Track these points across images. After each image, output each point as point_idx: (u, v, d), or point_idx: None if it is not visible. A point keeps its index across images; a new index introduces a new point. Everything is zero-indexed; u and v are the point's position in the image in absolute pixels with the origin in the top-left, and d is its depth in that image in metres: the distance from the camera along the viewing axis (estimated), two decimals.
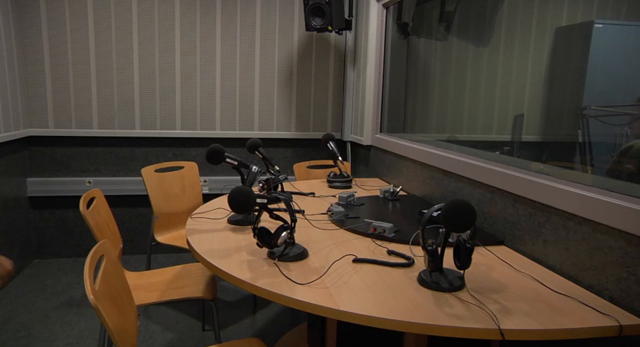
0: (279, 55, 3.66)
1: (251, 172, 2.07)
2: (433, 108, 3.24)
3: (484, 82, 2.93)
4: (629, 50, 2.30)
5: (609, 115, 2.10)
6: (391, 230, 1.75)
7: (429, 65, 3.30)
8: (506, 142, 2.71)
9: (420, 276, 1.36)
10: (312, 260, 1.51)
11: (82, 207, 1.83)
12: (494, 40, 2.81)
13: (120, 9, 3.37)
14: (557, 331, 1.11)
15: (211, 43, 3.54)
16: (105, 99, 3.45)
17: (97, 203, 2.02)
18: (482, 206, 1.90)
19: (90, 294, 1.13)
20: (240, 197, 1.45)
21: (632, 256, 1.24)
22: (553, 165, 1.72)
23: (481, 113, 2.96)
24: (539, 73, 2.70)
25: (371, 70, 3.28)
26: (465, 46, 3.04)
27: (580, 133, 2.17)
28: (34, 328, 2.48)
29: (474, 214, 1.24)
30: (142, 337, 2.44)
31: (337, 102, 3.82)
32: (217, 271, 1.45)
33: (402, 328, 1.14)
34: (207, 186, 3.60)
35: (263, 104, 3.69)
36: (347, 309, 1.17)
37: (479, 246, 1.68)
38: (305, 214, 2.01)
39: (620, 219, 1.27)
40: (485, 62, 2.93)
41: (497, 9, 2.80)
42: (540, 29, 2.70)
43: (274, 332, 2.51)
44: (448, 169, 2.19)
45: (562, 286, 1.36)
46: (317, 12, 3.26)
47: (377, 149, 3.26)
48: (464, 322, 1.12)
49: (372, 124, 3.35)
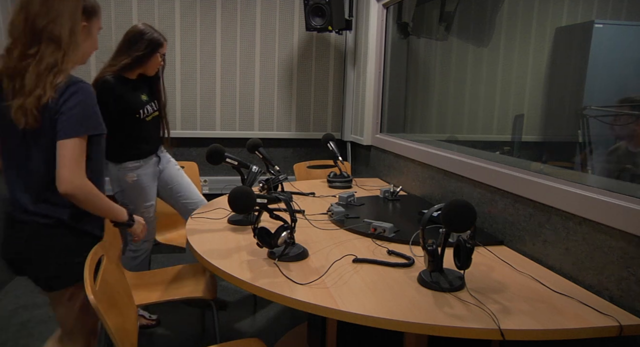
0: (279, 55, 3.66)
1: (251, 172, 2.07)
2: (433, 108, 3.24)
3: (484, 82, 2.93)
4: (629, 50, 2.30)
5: (609, 115, 2.10)
6: (391, 230, 1.75)
7: (429, 66, 3.30)
8: (506, 142, 2.71)
9: (420, 276, 1.36)
10: (312, 260, 1.51)
11: None
12: (494, 40, 2.81)
13: (120, 9, 3.37)
14: (557, 331, 1.11)
15: (211, 43, 3.54)
16: None
17: None
18: (482, 206, 1.90)
19: (90, 294, 1.14)
20: (240, 197, 1.45)
21: (632, 256, 1.24)
22: (553, 166, 1.72)
23: (481, 113, 2.96)
24: (539, 73, 2.70)
25: (371, 70, 3.28)
26: (465, 46, 3.04)
27: (580, 133, 2.17)
28: (34, 328, 2.48)
29: (474, 214, 1.24)
30: (142, 337, 2.44)
31: (337, 102, 3.82)
32: (217, 271, 1.45)
33: (402, 328, 1.14)
34: (207, 186, 3.60)
35: (263, 104, 3.69)
36: (347, 309, 1.17)
37: (479, 246, 1.68)
38: (305, 214, 2.01)
39: (620, 219, 1.26)
40: (485, 62, 2.93)
41: (498, 9, 2.80)
42: (540, 29, 2.70)
43: (274, 332, 2.51)
44: (448, 169, 2.19)
45: (562, 286, 1.36)
46: (317, 12, 3.26)
47: (377, 149, 3.26)
48: (464, 322, 1.12)
49: (372, 124, 3.35)
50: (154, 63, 2.30)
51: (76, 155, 1.33)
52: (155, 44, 2.26)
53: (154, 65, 2.31)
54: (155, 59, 2.30)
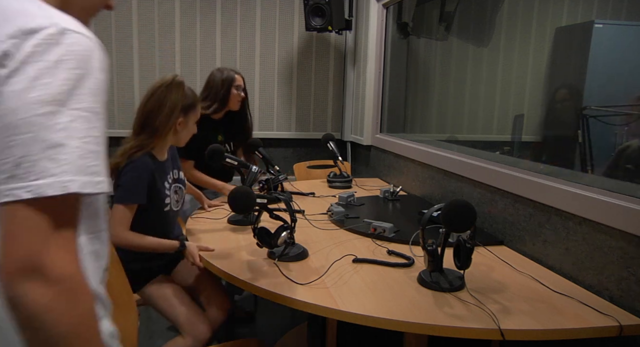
0: (279, 55, 3.66)
1: (251, 173, 2.07)
2: (433, 108, 3.23)
3: (484, 82, 2.93)
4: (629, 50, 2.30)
5: (609, 115, 2.10)
6: (391, 230, 1.74)
7: (429, 65, 3.30)
8: (506, 142, 2.71)
9: (420, 276, 1.36)
10: (312, 260, 1.51)
11: None
12: (494, 40, 2.81)
13: (120, 9, 3.37)
14: (557, 331, 1.11)
15: (211, 43, 3.54)
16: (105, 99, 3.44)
17: None
18: (482, 206, 1.90)
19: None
20: (240, 197, 1.45)
21: (632, 256, 1.24)
22: (553, 166, 1.72)
23: (481, 113, 2.95)
24: (539, 73, 2.70)
25: (371, 70, 3.28)
26: (465, 46, 3.04)
27: (580, 133, 2.17)
28: None
29: (474, 214, 1.24)
30: (142, 337, 2.44)
31: (337, 102, 3.82)
32: (217, 271, 1.45)
33: (402, 328, 1.14)
34: None
35: (263, 104, 3.69)
36: (347, 309, 1.17)
37: (479, 246, 1.68)
38: (305, 214, 2.01)
39: (620, 219, 1.26)
40: (486, 62, 2.93)
41: (498, 9, 2.80)
42: (540, 29, 2.70)
43: (274, 332, 2.51)
44: (448, 169, 2.19)
45: (562, 286, 1.36)
46: (317, 12, 3.25)
47: (377, 149, 3.26)
48: (464, 322, 1.12)
49: (372, 124, 3.35)
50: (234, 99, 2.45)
51: (118, 218, 1.59)
52: (230, 80, 2.43)
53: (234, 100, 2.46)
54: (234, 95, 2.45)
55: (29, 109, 0.59)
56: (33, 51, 0.60)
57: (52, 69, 0.60)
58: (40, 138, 0.59)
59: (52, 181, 0.59)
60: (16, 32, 0.61)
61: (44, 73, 0.60)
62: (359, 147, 3.62)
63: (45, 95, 0.59)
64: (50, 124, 0.59)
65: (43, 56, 0.60)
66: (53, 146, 0.59)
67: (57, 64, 0.61)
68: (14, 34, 0.60)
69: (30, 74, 0.60)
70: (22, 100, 0.59)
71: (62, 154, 0.60)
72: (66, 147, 0.60)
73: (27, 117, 0.59)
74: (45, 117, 0.59)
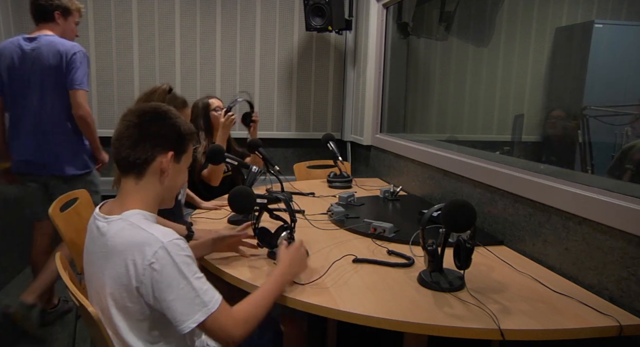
0: (279, 55, 3.66)
1: (251, 172, 2.07)
2: (433, 108, 3.24)
3: (484, 82, 2.93)
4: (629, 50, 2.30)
5: (609, 115, 2.10)
6: (391, 230, 1.74)
7: (429, 65, 3.30)
8: (506, 142, 2.71)
9: (420, 276, 1.36)
10: (312, 260, 1.51)
11: (52, 209, 1.66)
12: (494, 40, 2.81)
13: (120, 9, 3.37)
14: (557, 331, 1.11)
15: (211, 43, 3.54)
16: (105, 99, 3.45)
17: (79, 204, 1.87)
18: (482, 206, 1.90)
19: (89, 307, 1.09)
20: (240, 198, 1.45)
21: (632, 256, 1.24)
22: (553, 166, 1.72)
23: (481, 113, 2.96)
24: (539, 73, 2.70)
25: (371, 70, 3.28)
26: (465, 46, 3.04)
27: (580, 133, 2.17)
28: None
29: (474, 214, 1.24)
30: None
31: (337, 102, 3.82)
32: (217, 271, 1.45)
33: (402, 328, 1.14)
34: None
35: (263, 104, 3.69)
36: (347, 309, 1.17)
37: (479, 246, 1.68)
38: (305, 214, 2.01)
39: (620, 219, 1.26)
40: (485, 62, 2.93)
41: (497, 9, 2.80)
42: (540, 29, 2.70)
43: None
44: (448, 169, 2.19)
45: (562, 286, 1.36)
46: (317, 12, 3.25)
47: (377, 149, 3.26)
48: (464, 322, 1.12)
49: (372, 124, 3.35)
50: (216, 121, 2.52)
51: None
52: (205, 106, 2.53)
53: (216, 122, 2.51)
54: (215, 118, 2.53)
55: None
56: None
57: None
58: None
59: None
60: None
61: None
62: (359, 147, 3.62)
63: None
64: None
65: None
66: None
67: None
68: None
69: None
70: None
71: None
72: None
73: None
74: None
